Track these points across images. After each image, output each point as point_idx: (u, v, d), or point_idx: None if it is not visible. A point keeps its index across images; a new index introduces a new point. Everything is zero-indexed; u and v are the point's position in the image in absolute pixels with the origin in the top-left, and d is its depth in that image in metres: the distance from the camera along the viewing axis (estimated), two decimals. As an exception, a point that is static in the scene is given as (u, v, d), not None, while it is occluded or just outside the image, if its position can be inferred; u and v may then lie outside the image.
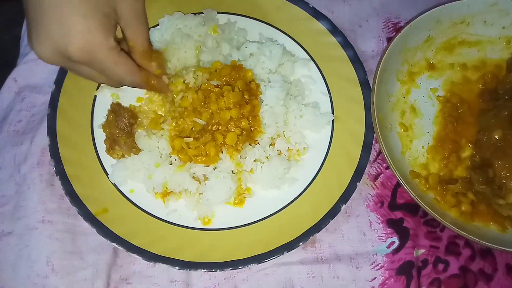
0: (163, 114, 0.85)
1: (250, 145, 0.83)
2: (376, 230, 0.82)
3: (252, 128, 0.84)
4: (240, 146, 0.82)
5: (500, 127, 0.78)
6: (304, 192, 0.83)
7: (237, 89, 0.83)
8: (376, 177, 0.86)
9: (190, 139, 0.80)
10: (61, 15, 0.61)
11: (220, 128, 0.82)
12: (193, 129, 0.82)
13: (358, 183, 0.81)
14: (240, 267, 0.76)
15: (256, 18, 0.95)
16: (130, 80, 0.72)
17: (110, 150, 0.83)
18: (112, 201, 0.81)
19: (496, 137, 0.78)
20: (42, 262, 0.77)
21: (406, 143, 0.86)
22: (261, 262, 0.76)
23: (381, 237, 0.81)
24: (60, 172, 0.81)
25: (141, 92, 0.88)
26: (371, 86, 0.86)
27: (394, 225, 0.82)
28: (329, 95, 0.90)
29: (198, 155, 0.81)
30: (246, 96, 0.83)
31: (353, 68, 0.90)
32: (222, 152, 0.81)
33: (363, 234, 0.81)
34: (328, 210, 0.79)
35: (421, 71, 0.91)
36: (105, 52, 0.65)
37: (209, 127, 0.82)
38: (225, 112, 0.81)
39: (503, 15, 0.87)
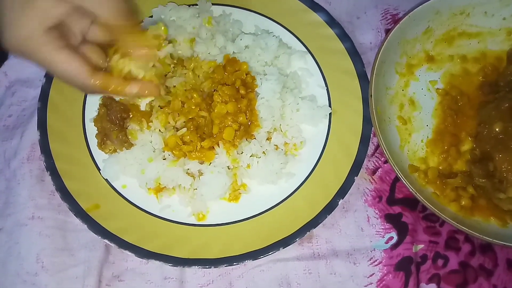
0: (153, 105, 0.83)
1: (246, 140, 0.82)
2: (374, 225, 0.80)
3: (249, 123, 0.82)
4: (238, 141, 0.80)
5: (501, 119, 0.77)
6: (301, 187, 0.81)
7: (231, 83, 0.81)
8: (374, 171, 0.84)
9: (184, 130, 0.79)
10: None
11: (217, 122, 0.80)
12: (184, 106, 0.81)
13: (355, 177, 0.80)
14: (235, 263, 0.74)
15: (252, 9, 0.94)
16: (79, 84, 0.59)
17: (102, 144, 0.81)
18: (104, 196, 0.79)
19: (497, 129, 0.76)
20: (32, 259, 0.76)
21: (404, 137, 0.84)
22: (257, 259, 0.75)
23: (379, 233, 0.80)
24: (51, 167, 0.79)
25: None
26: (369, 79, 0.84)
27: (392, 220, 0.81)
28: (326, 88, 0.88)
29: (192, 151, 0.79)
30: (242, 91, 0.81)
31: (350, 61, 0.88)
32: (219, 146, 0.80)
33: (361, 229, 0.80)
34: (325, 205, 0.78)
35: (420, 63, 0.89)
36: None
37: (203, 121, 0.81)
38: (221, 106, 0.80)
39: (503, 6, 0.85)
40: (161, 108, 0.83)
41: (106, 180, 0.81)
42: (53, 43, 0.55)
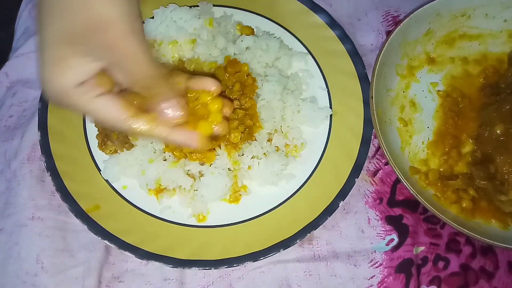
0: None
1: (247, 141, 0.81)
2: (374, 227, 0.80)
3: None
4: (241, 144, 0.80)
5: (502, 121, 0.77)
6: (301, 189, 0.81)
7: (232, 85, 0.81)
8: (375, 173, 0.84)
9: None
10: None
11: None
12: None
13: (356, 179, 0.79)
14: (235, 265, 0.74)
15: (253, 11, 0.94)
16: (124, 129, 0.57)
17: (102, 145, 0.81)
18: (104, 197, 0.79)
19: (498, 131, 0.76)
20: (32, 260, 0.76)
21: (405, 139, 0.84)
22: (257, 260, 0.74)
23: (380, 234, 0.80)
24: (51, 168, 0.79)
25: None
26: (370, 81, 0.84)
27: (393, 222, 0.81)
28: (327, 89, 0.88)
29: (193, 152, 0.79)
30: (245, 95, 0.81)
31: (351, 62, 0.88)
32: (220, 148, 0.79)
33: (362, 231, 0.80)
34: (325, 206, 0.78)
35: (421, 65, 0.89)
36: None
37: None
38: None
39: (504, 8, 0.85)
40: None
41: (107, 180, 0.80)
42: (88, 93, 0.55)
